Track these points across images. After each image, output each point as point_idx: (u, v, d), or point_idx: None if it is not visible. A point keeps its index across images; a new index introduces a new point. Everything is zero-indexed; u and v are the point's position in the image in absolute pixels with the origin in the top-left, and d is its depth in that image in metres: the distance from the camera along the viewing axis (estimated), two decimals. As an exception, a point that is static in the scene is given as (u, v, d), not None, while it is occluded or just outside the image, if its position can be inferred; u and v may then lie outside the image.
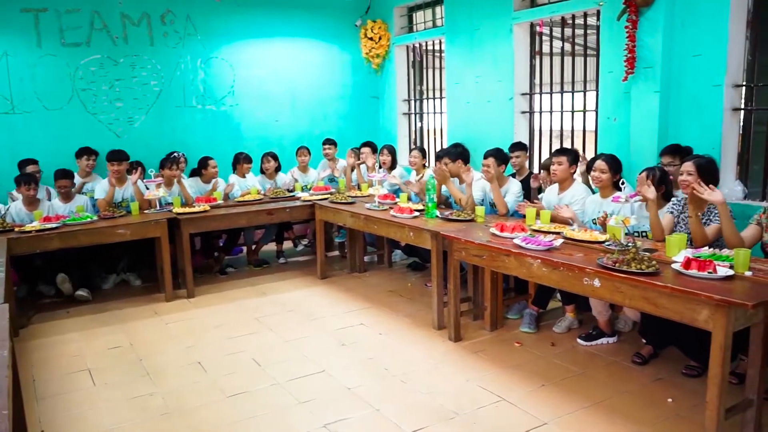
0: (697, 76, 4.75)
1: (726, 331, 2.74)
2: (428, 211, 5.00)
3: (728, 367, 2.83)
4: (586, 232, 4.05)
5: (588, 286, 3.37)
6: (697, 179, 3.70)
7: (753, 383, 3.06)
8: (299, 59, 7.93)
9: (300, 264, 6.85)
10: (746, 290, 2.88)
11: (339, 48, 8.20)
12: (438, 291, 4.61)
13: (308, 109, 8.07)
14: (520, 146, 5.66)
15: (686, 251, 3.39)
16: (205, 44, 7.29)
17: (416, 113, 8.28)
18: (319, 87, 8.12)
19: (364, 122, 8.44)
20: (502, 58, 6.46)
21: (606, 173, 4.35)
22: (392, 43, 8.15)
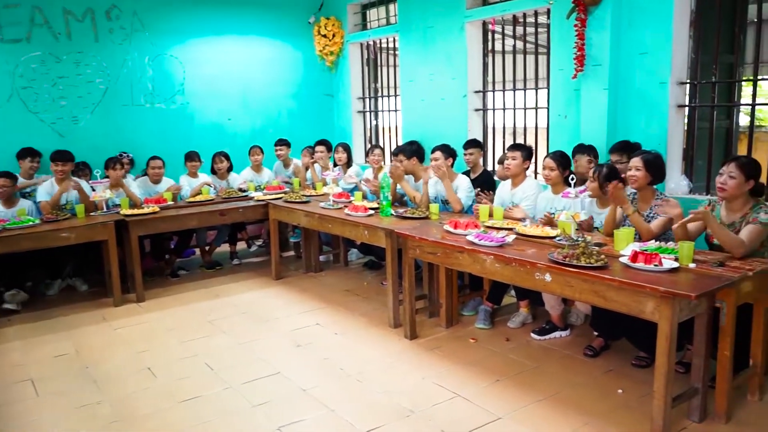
0: (643, 73, 4.88)
1: (671, 322, 2.82)
2: (383, 209, 5.01)
3: (674, 357, 2.92)
4: (538, 227, 4.12)
5: (540, 280, 3.42)
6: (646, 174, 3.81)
7: (698, 372, 3.16)
8: (252, 57, 7.84)
9: (254, 265, 6.78)
10: (690, 282, 2.97)
11: (292, 45, 8.14)
12: (393, 289, 4.62)
13: (261, 107, 7.98)
14: (474, 143, 5.72)
15: (634, 245, 3.48)
16: (153, 41, 7.13)
17: (371, 111, 8.28)
18: (273, 85, 8.04)
19: (318, 120, 8.39)
20: (455, 55, 6.51)
21: (555, 170, 4.43)
22: (346, 41, 8.13)
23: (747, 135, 4.66)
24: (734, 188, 3.40)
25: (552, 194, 4.55)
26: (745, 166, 3.41)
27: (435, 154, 5.14)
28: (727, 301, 3.03)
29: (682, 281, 2.98)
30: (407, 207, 5.36)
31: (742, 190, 3.41)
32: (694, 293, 2.77)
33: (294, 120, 8.17)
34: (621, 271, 3.14)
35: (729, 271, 3.08)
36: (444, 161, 5.12)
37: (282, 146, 7.18)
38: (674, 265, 3.13)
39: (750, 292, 3.15)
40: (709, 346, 3.14)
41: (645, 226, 3.77)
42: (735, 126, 5.25)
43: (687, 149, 4.98)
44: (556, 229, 3.99)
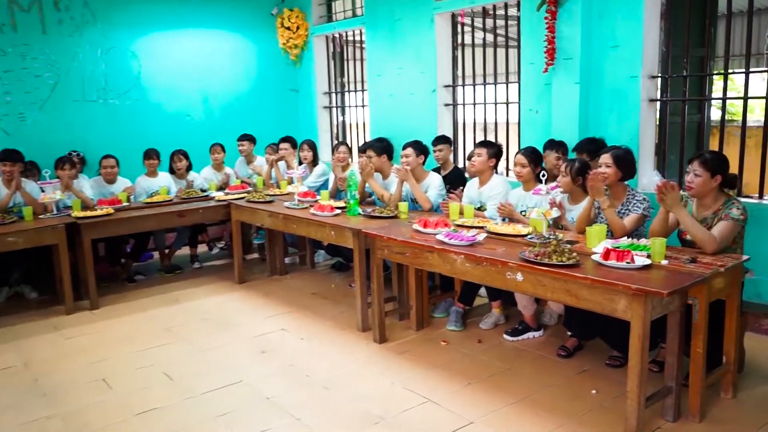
0: (615, 67, 4.96)
1: (643, 320, 2.87)
2: (350, 208, 4.99)
3: (647, 356, 2.96)
4: (509, 225, 4.16)
5: (511, 280, 3.45)
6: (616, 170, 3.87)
7: (671, 370, 3.22)
8: (212, 50, 7.75)
9: (216, 268, 6.70)
10: (662, 279, 3.03)
11: (254, 38, 8.07)
12: (361, 291, 4.61)
13: (222, 103, 7.90)
14: (443, 139, 5.74)
15: (606, 242, 3.53)
16: (106, 33, 6.99)
17: (338, 106, 8.26)
18: (234, 80, 7.97)
19: (282, 116, 8.34)
20: (423, 49, 6.53)
21: (526, 167, 4.48)
22: (311, 33, 8.09)
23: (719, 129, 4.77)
24: (700, 186, 3.47)
25: (523, 191, 4.59)
26: (708, 162, 3.47)
27: (406, 151, 5.15)
28: (699, 297, 3.09)
29: (654, 278, 3.02)
30: (375, 206, 5.35)
31: (709, 186, 3.48)
32: (666, 290, 2.82)
33: (257, 116, 8.10)
34: (593, 269, 3.17)
35: (701, 267, 3.14)
36: (415, 158, 5.14)
37: (245, 141, 7.11)
38: (646, 262, 3.18)
39: (722, 288, 3.22)
40: (682, 344, 3.20)
41: (619, 222, 3.82)
42: (707, 120, 5.38)
43: (659, 144, 5.08)
44: (527, 227, 4.02)
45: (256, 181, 6.80)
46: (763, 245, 4.21)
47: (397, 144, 5.80)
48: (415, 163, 5.15)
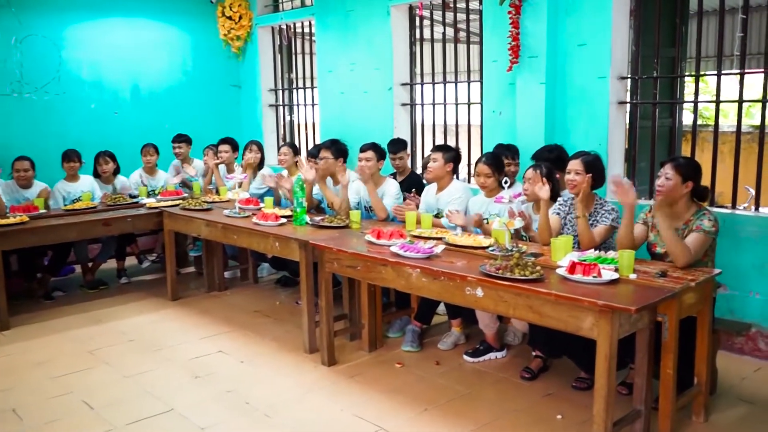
0: (582, 67, 5.07)
1: (610, 338, 2.92)
2: (297, 217, 4.97)
3: (614, 378, 3.01)
4: (470, 236, 4.19)
5: (471, 296, 3.47)
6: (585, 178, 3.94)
7: (640, 393, 3.29)
8: (144, 40, 7.64)
9: (146, 284, 6.60)
10: (630, 294, 3.09)
11: (192, 28, 7.99)
12: (308, 309, 4.58)
13: (155, 99, 7.79)
14: (404, 145, 5.77)
15: (572, 254, 3.59)
16: (21, 19, 6.81)
17: (285, 105, 8.23)
18: (169, 73, 7.87)
19: (223, 115, 8.27)
20: (379, 43, 6.56)
21: (490, 177, 4.54)
22: (255, 24, 8.05)
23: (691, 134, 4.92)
24: (670, 190, 3.57)
25: (485, 198, 4.64)
26: (681, 166, 3.58)
27: (367, 154, 5.14)
28: (668, 314, 3.17)
29: (621, 294, 3.09)
30: (325, 214, 5.33)
31: (680, 192, 3.58)
32: (634, 306, 2.88)
33: (195, 115, 8.00)
34: (557, 284, 3.22)
35: (671, 281, 3.22)
36: (376, 163, 5.16)
37: (181, 143, 7.03)
38: (614, 276, 3.25)
39: (693, 304, 3.31)
40: (652, 364, 3.27)
41: (589, 234, 3.89)
42: (678, 125, 5.55)
43: (629, 149, 5.21)
44: (488, 238, 4.07)
45: (192, 187, 6.71)
46: (735, 258, 4.36)
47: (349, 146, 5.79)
48: (374, 167, 5.16)
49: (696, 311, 3.41)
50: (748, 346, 4.47)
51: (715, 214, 3.60)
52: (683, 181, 3.57)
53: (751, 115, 11.16)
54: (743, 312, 4.41)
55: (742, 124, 4.74)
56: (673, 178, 3.57)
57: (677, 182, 3.56)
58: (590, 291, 3.09)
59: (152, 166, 6.92)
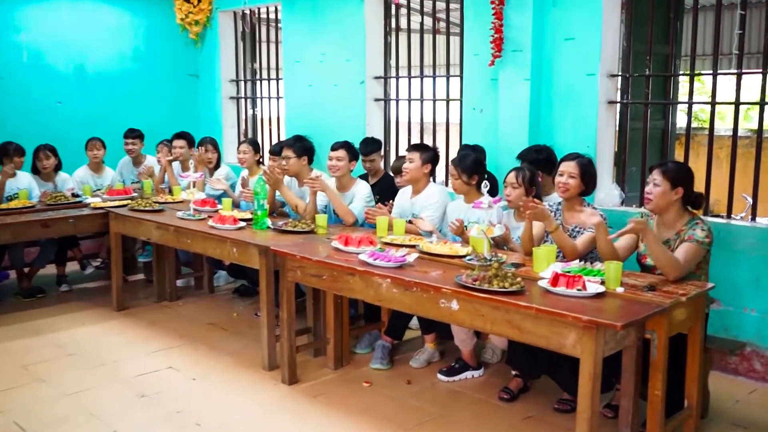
0: (570, 63, 5.13)
1: (595, 356, 2.94)
2: (257, 220, 4.94)
3: (599, 399, 3.04)
4: (445, 244, 4.21)
5: (445, 309, 3.48)
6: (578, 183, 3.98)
7: (626, 416, 3.31)
8: (91, 22, 7.59)
9: (90, 292, 6.54)
10: (616, 309, 3.12)
11: (145, 11, 7.95)
12: (268, 321, 4.56)
13: (104, 89, 7.72)
14: (378, 146, 5.77)
15: (555, 265, 3.62)
16: (-48, -4, 6.71)
17: (247, 97, 8.21)
18: (119, 60, 7.82)
19: (178, 107, 8.23)
20: (351, 32, 6.57)
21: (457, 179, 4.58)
22: (215, 8, 8.03)
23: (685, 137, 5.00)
24: (659, 197, 3.62)
25: (464, 204, 4.66)
26: (670, 171, 3.63)
27: (338, 153, 5.15)
28: (657, 331, 3.20)
29: (607, 308, 3.12)
30: (289, 218, 5.31)
31: (669, 199, 3.63)
32: (620, 322, 2.90)
33: (147, 107, 7.95)
34: (539, 297, 3.24)
35: (660, 296, 3.26)
36: (347, 164, 5.16)
37: (135, 139, 7.00)
38: (600, 290, 3.28)
39: (683, 320, 3.35)
40: (639, 385, 3.30)
41: (570, 244, 3.93)
42: (671, 127, 5.62)
43: (619, 153, 5.27)
44: (466, 246, 4.08)
45: (143, 186, 6.65)
46: (730, 271, 4.42)
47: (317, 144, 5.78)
48: (346, 168, 5.16)
49: (687, 328, 3.45)
50: (742, 367, 4.53)
51: (708, 224, 3.65)
52: (672, 187, 3.61)
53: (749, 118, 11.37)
54: (738, 329, 4.48)
55: (740, 128, 4.81)
56: (662, 184, 3.61)
57: (666, 188, 3.61)
58: (574, 305, 3.11)
59: (99, 163, 6.85)
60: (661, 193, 3.62)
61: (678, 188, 3.61)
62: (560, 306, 3.09)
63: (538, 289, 3.36)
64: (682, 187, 3.62)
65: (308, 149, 5.45)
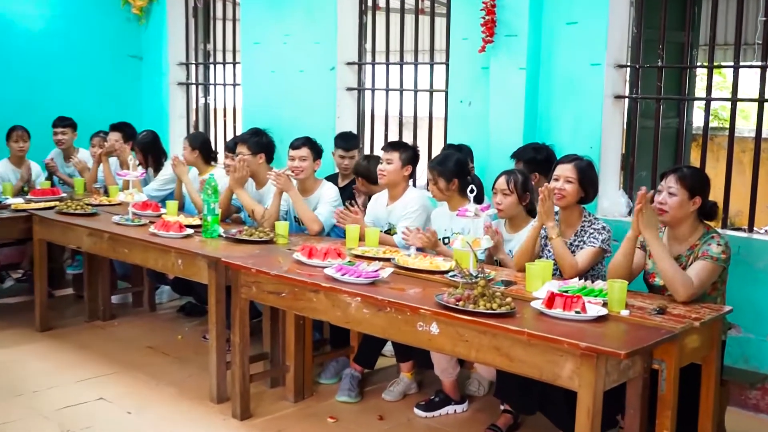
0: (571, 51, 5.17)
1: (594, 389, 2.96)
2: (207, 227, 4.92)
3: (599, 439, 3.06)
4: (425, 258, 4.21)
5: (424, 333, 3.48)
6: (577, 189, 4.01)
7: (631, 458, 3.34)
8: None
9: (8, 309, 6.50)
10: (620, 335, 3.15)
11: (80, -19, 7.91)
12: (218, 346, 4.55)
13: (28, 71, 7.67)
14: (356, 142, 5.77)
15: (551, 284, 3.64)
16: None
17: (198, 84, 8.19)
18: (47, 38, 7.78)
19: (118, 94, 8.19)
20: (321, 11, 6.58)
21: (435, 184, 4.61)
22: (163, -20, 8.01)
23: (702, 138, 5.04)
24: (676, 208, 3.65)
25: (449, 211, 4.68)
26: (687, 178, 3.66)
27: (301, 152, 5.15)
28: (667, 360, 3.23)
29: (610, 334, 3.14)
30: (244, 225, 5.30)
31: (686, 210, 3.67)
32: (624, 350, 2.92)
33: (81, 92, 7.90)
34: (532, 320, 3.26)
35: (670, 320, 3.28)
36: (312, 163, 5.18)
37: (65, 128, 6.96)
38: (602, 312, 3.30)
39: (697, 348, 3.38)
40: (645, 422, 3.32)
41: (570, 258, 3.96)
42: (687, 126, 5.69)
43: (626, 155, 5.32)
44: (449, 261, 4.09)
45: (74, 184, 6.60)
46: (751, 292, 4.47)
47: (279, 140, 5.79)
48: (310, 169, 5.17)
49: (701, 357, 3.48)
50: (764, 402, 4.58)
51: (726, 238, 3.69)
52: (690, 196, 3.64)
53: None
54: (759, 359, 4.52)
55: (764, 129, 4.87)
56: (678, 193, 3.64)
57: (683, 198, 3.64)
58: (572, 330, 3.12)
59: (22, 156, 6.78)
60: (678, 204, 3.64)
61: (696, 198, 3.64)
62: (556, 331, 3.11)
63: (530, 311, 3.37)
64: (700, 196, 3.66)
65: (266, 145, 5.45)
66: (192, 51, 8.17)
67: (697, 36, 5.75)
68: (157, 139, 6.63)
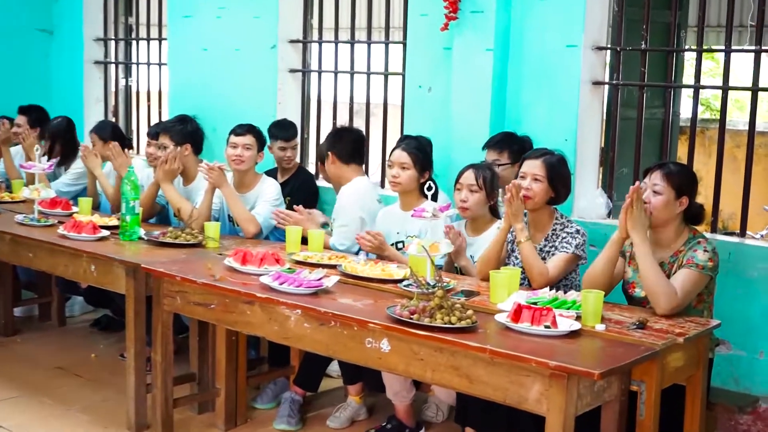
0: (545, 30, 5.19)
1: (564, 414, 2.97)
2: (126, 228, 4.88)
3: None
4: (377, 265, 4.22)
5: (373, 350, 3.48)
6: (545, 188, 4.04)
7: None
8: None
9: None
10: (594, 352, 3.18)
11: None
12: (137, 366, 4.52)
13: None
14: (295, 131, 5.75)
15: (518, 294, 3.66)
16: None
17: (119, 63, 8.14)
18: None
19: (24, 73, 8.09)
20: (259, -19, 6.57)
21: (409, 169, 4.61)
22: (77, -59, 7.92)
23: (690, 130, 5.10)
24: (660, 209, 3.69)
25: (402, 211, 4.68)
26: (674, 175, 3.71)
27: (246, 139, 5.18)
28: (647, 381, 3.26)
29: (583, 351, 3.17)
30: (170, 226, 5.26)
31: (672, 211, 3.71)
32: (599, 369, 2.93)
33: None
34: (496, 336, 3.27)
35: (652, 336, 3.31)
36: (255, 154, 5.21)
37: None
38: (574, 327, 3.32)
39: (681, 367, 3.42)
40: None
41: (540, 265, 3.98)
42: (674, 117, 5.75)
43: (605, 149, 5.36)
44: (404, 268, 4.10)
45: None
46: (743, 305, 4.50)
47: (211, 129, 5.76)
48: (252, 161, 5.20)
49: (685, 378, 3.52)
50: (756, 428, 4.62)
51: (714, 244, 3.74)
52: (677, 196, 3.69)
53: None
54: (751, 380, 4.57)
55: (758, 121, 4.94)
56: (664, 191, 3.68)
57: (669, 198, 3.68)
58: (540, 347, 3.14)
59: None
60: (664, 204, 3.68)
61: (683, 198, 3.70)
62: (522, 348, 3.13)
63: (494, 325, 3.39)
64: (687, 196, 3.71)
65: (192, 134, 5.43)
66: (111, 25, 8.09)
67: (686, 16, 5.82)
68: (72, 127, 6.58)
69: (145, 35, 7.91)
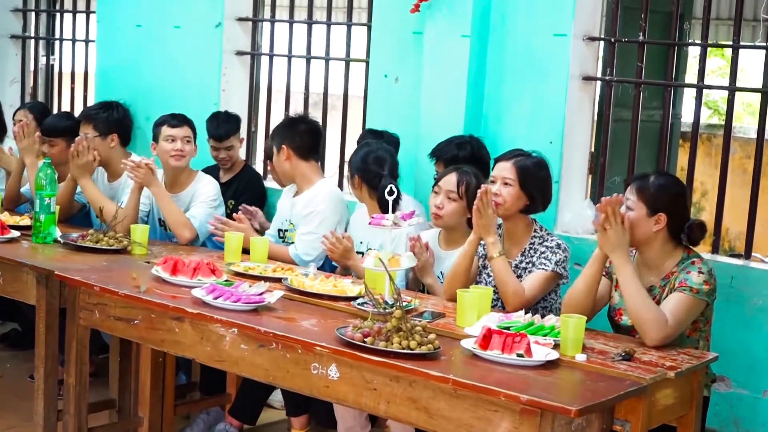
0: (530, 17, 5.21)
1: (537, 457, 2.99)
2: (39, 229, 4.85)
3: None
4: (328, 278, 4.21)
5: (319, 378, 3.47)
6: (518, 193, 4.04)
7: None
8: None
9: None
10: (573, 386, 3.18)
11: None
12: (47, 389, 4.48)
13: None
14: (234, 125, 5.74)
15: (490, 317, 3.66)
16: None
17: (39, 38, 8.13)
18: None
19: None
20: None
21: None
22: None
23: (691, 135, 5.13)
24: (632, 227, 3.69)
25: (367, 217, 4.70)
26: (647, 190, 3.73)
27: (185, 131, 5.20)
28: (632, 421, 3.26)
29: (560, 385, 3.17)
30: (91, 228, 5.23)
31: (646, 230, 3.71)
32: (576, 406, 2.93)
33: None
34: (461, 364, 3.27)
35: (639, 369, 3.32)
36: (193, 148, 5.22)
37: None
38: (551, 356, 3.33)
39: (671, 406, 3.43)
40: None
41: (514, 284, 3.98)
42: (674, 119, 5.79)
43: (596, 154, 5.39)
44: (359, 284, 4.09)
45: None
46: (745, 336, 4.54)
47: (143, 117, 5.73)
48: (190, 156, 5.21)
49: (676, 418, 3.53)
50: (757, 477, 4.68)
51: (710, 265, 3.75)
52: (651, 213, 3.70)
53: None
54: (752, 422, 4.60)
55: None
56: (635, 207, 3.71)
57: (640, 215, 3.70)
58: (511, 378, 3.14)
59: None
60: (635, 221, 3.69)
61: (659, 215, 3.70)
62: (490, 379, 3.12)
63: (460, 352, 3.39)
64: (665, 213, 3.71)
65: (119, 122, 5.40)
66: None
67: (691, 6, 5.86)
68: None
69: (71, 7, 7.85)
